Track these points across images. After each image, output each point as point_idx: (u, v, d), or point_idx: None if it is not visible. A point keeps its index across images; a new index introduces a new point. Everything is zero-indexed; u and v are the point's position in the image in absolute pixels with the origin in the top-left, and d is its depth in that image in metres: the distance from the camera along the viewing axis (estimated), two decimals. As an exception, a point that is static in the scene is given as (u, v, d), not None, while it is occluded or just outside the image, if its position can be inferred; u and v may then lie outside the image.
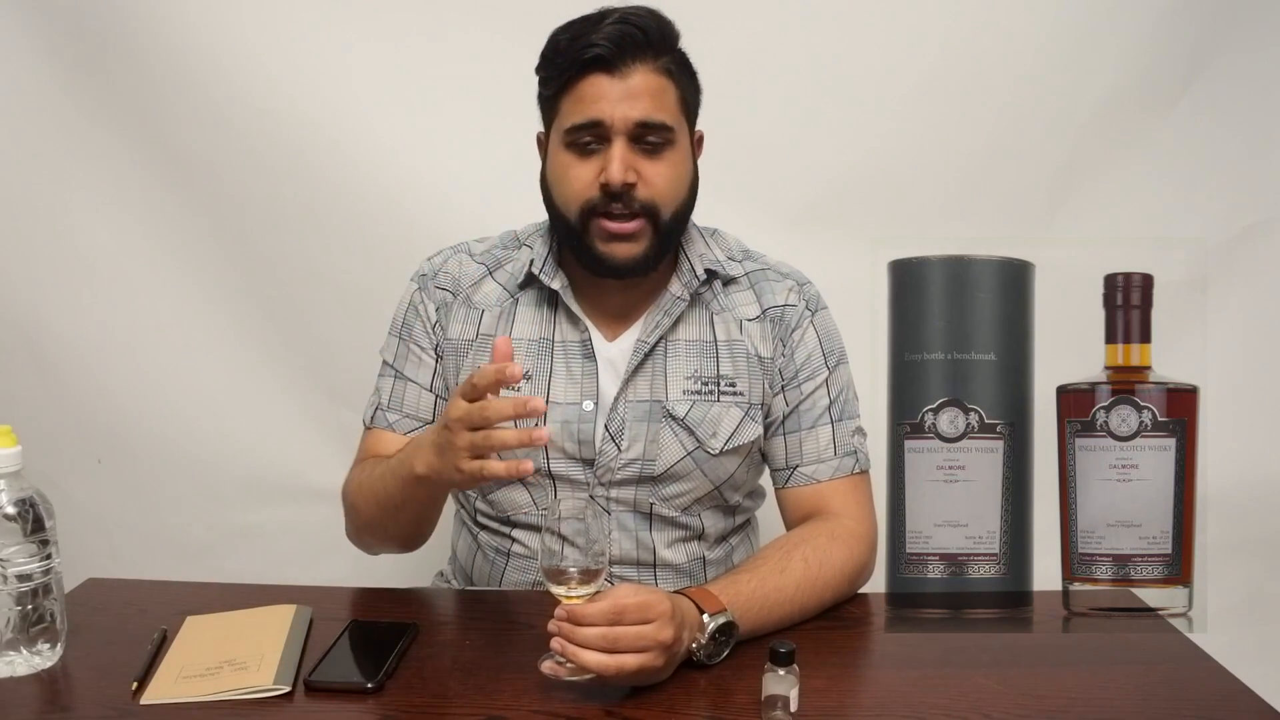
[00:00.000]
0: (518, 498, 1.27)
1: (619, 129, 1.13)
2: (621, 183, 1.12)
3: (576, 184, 1.15)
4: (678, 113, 1.17)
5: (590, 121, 1.13)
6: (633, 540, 1.26)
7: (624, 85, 1.12)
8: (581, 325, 1.23)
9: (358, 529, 1.25)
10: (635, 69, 1.13)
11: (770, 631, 1.06)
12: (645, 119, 1.13)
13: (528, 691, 0.96)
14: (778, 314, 1.27)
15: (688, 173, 1.20)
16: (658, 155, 1.15)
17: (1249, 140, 1.77)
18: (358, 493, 1.21)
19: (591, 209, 1.15)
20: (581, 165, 1.15)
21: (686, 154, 1.19)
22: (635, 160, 1.14)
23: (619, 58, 1.12)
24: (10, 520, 0.97)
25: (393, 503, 1.14)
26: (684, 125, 1.19)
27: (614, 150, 1.13)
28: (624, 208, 1.14)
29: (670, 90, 1.16)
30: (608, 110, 1.12)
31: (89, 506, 1.87)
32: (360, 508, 1.21)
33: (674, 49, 1.17)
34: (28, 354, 1.86)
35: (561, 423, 1.22)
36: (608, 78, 1.12)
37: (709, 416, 1.23)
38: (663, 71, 1.15)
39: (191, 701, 0.94)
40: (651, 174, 1.15)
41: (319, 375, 1.87)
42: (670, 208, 1.17)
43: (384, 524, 1.19)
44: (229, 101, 1.75)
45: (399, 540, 1.24)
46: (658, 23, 1.15)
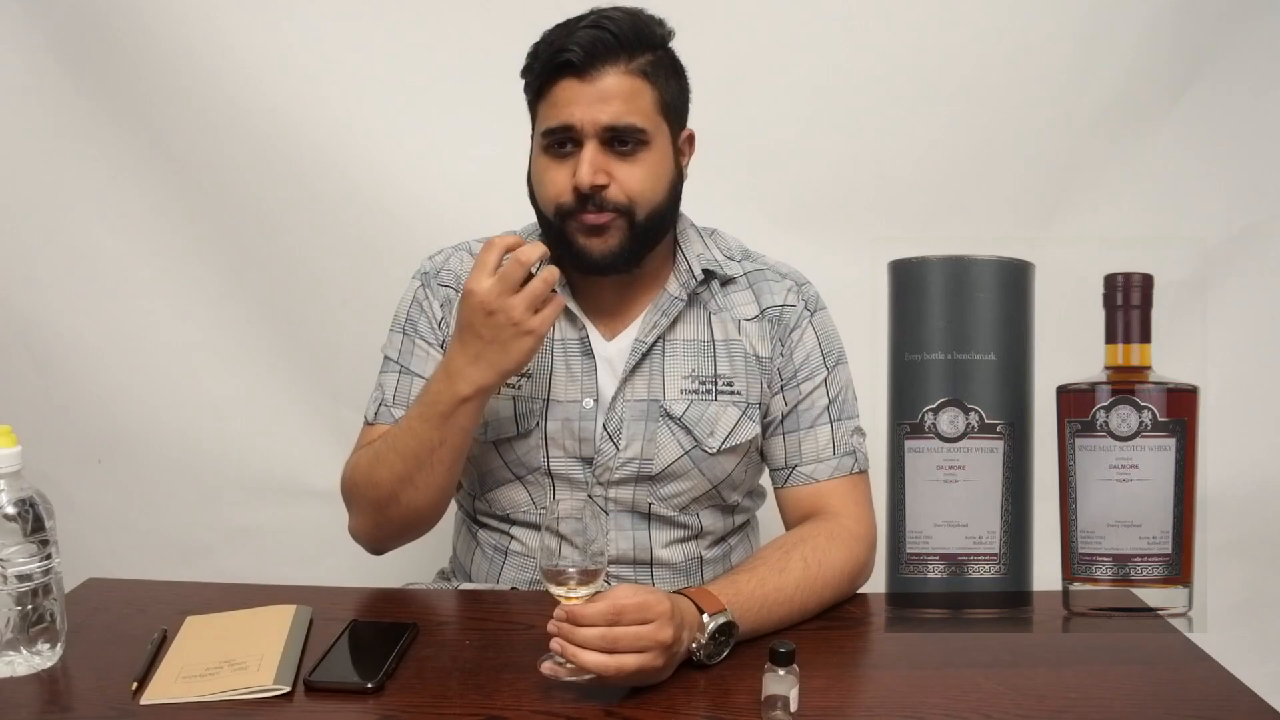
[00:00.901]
0: (516, 496, 1.27)
1: (589, 133, 1.13)
2: (590, 185, 1.13)
3: (552, 187, 1.17)
4: (653, 114, 1.17)
5: (561, 125, 1.14)
6: (630, 540, 1.26)
7: (594, 89, 1.13)
8: (580, 324, 1.24)
9: (375, 506, 1.19)
10: (606, 72, 1.13)
11: (770, 631, 1.06)
12: (614, 123, 1.13)
13: (528, 691, 0.96)
14: (776, 314, 1.27)
15: (666, 173, 1.19)
16: (631, 157, 1.15)
17: (1249, 140, 1.77)
18: (374, 465, 1.17)
19: (567, 212, 1.16)
20: (556, 168, 1.16)
21: (664, 154, 1.19)
22: (607, 162, 1.15)
23: (589, 62, 1.13)
24: (10, 520, 0.97)
25: (427, 447, 1.13)
26: (662, 126, 1.18)
27: (584, 154, 1.14)
28: (596, 209, 1.15)
29: (645, 92, 1.16)
30: (578, 114, 1.13)
31: (89, 506, 1.87)
32: (382, 478, 1.16)
33: (653, 49, 1.17)
34: (28, 354, 1.86)
35: (562, 420, 1.23)
36: (578, 82, 1.13)
37: (706, 416, 1.23)
38: (636, 73, 1.15)
39: (191, 701, 0.94)
40: (624, 176, 1.15)
41: (319, 375, 1.87)
42: (645, 208, 1.17)
43: (417, 480, 1.15)
44: (229, 102, 1.75)
45: (432, 496, 1.17)
46: (634, 24, 1.15)
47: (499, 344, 1.07)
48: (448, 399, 1.11)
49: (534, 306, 1.07)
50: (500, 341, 1.07)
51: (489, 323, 1.07)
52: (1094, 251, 1.29)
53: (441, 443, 1.13)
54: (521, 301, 1.06)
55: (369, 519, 1.22)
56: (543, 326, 1.08)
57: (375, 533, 1.24)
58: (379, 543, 1.26)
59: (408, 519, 1.20)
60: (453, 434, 1.13)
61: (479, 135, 1.75)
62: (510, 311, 1.06)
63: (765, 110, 1.76)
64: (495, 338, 1.07)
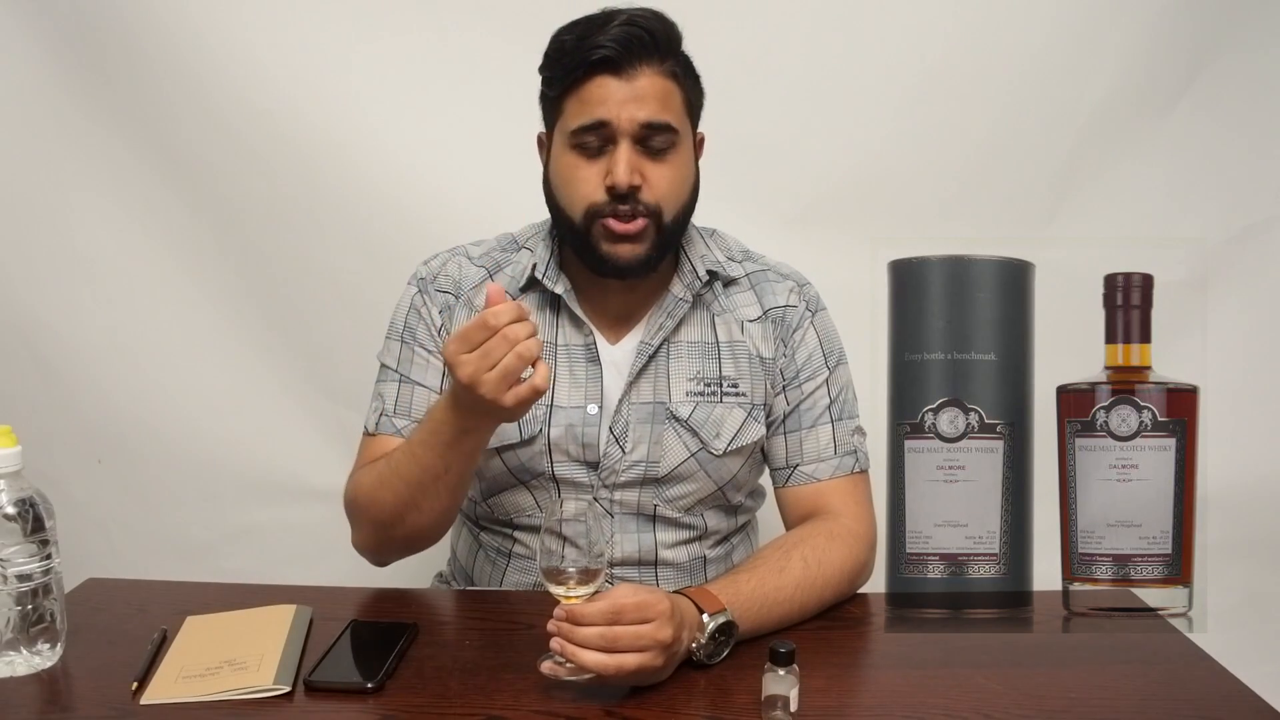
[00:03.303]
0: (521, 500, 1.26)
1: (625, 130, 1.12)
2: (628, 185, 1.12)
3: (583, 186, 1.15)
4: (682, 115, 1.17)
5: (596, 123, 1.13)
6: (635, 542, 1.26)
7: (631, 87, 1.12)
8: (585, 329, 1.23)
9: (378, 525, 1.18)
10: (642, 71, 1.13)
11: (770, 631, 1.06)
12: (651, 120, 1.13)
13: (528, 691, 0.96)
14: (779, 314, 1.27)
15: (691, 175, 1.20)
16: (662, 158, 1.15)
17: (1249, 140, 1.77)
18: (378, 487, 1.16)
19: (597, 211, 1.15)
20: (587, 167, 1.15)
21: (690, 156, 1.19)
22: (640, 162, 1.14)
23: (626, 59, 1.12)
24: (10, 520, 0.97)
25: (431, 474, 1.11)
26: (688, 128, 1.19)
27: (620, 152, 1.12)
28: (629, 210, 1.14)
29: (675, 93, 1.16)
30: (614, 111, 1.12)
31: (89, 506, 1.87)
32: (385, 501, 1.15)
33: (678, 52, 1.17)
34: (28, 354, 1.86)
35: (565, 426, 1.22)
36: (615, 79, 1.12)
37: (712, 417, 1.23)
38: (668, 74, 1.15)
39: (191, 701, 0.94)
40: (656, 177, 1.15)
41: (319, 375, 1.87)
42: (673, 210, 1.17)
43: (421, 504, 1.13)
44: (229, 101, 1.75)
45: (434, 518, 1.16)
46: (663, 25, 1.15)
47: (482, 407, 1.03)
48: (451, 429, 1.07)
49: (508, 383, 1.00)
50: (481, 407, 1.03)
51: (467, 394, 1.02)
52: (1094, 251, 1.29)
53: (446, 469, 1.11)
54: (495, 381, 0.99)
55: (372, 537, 1.21)
56: (518, 407, 1.02)
57: (378, 549, 1.24)
58: (382, 556, 1.26)
59: (411, 539, 1.20)
60: (458, 460, 1.10)
61: (480, 136, 1.75)
62: (481, 388, 1.00)
63: (765, 110, 1.76)
64: (476, 406, 1.03)
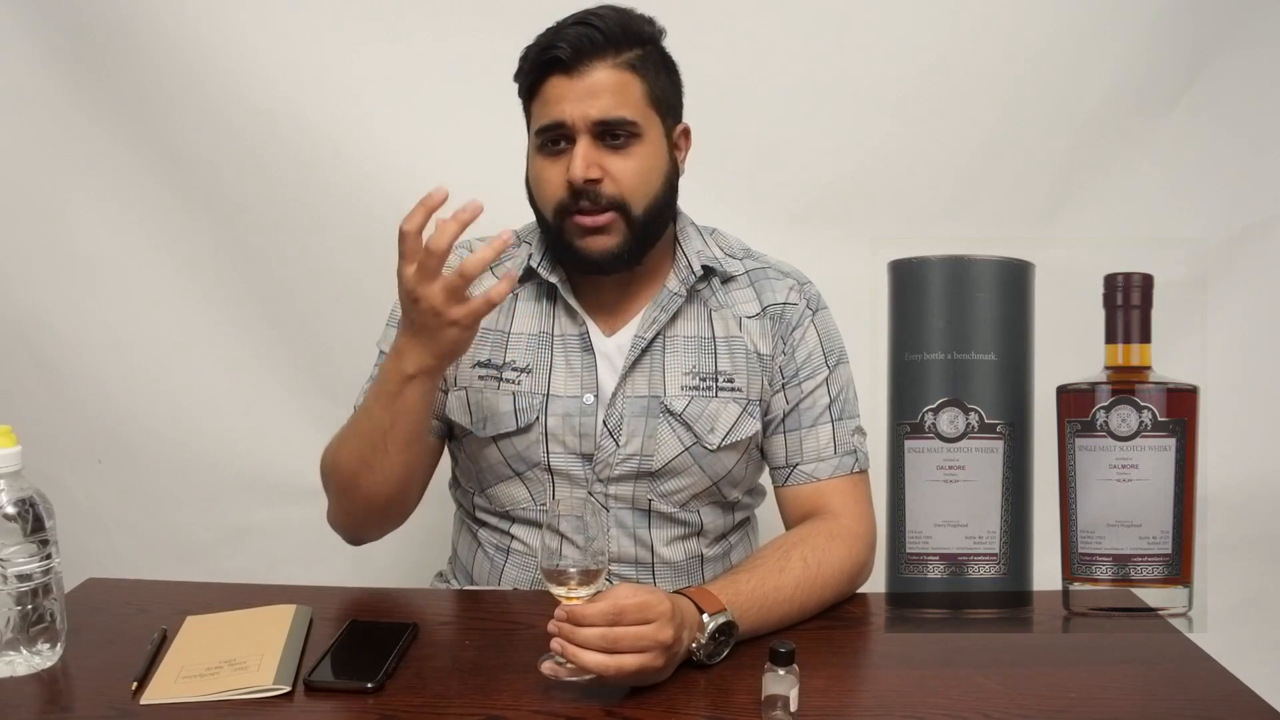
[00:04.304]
0: (516, 493, 1.27)
1: (580, 128, 1.14)
2: (583, 179, 1.14)
3: (548, 187, 1.18)
4: (643, 106, 1.17)
5: (554, 123, 1.15)
6: (631, 537, 1.26)
7: (583, 84, 1.14)
8: (579, 319, 1.24)
9: (339, 492, 1.20)
10: (594, 67, 1.15)
11: (770, 631, 1.06)
12: (604, 117, 1.14)
13: (528, 691, 0.96)
14: (778, 311, 1.27)
15: (659, 166, 1.20)
16: (624, 150, 1.16)
17: (1249, 140, 1.77)
18: (338, 449, 1.19)
19: (564, 209, 1.17)
20: (551, 167, 1.17)
21: (657, 148, 1.20)
22: (600, 157, 1.15)
23: (576, 58, 1.14)
24: (10, 520, 0.97)
25: (380, 429, 1.13)
26: (653, 119, 1.19)
27: (576, 149, 1.15)
28: (592, 204, 1.16)
29: (634, 85, 1.17)
30: (568, 110, 1.14)
31: (89, 506, 1.87)
32: (343, 461, 1.17)
33: (641, 44, 1.18)
34: (28, 354, 1.86)
35: (562, 415, 1.23)
36: (566, 79, 1.15)
37: (707, 412, 1.23)
38: (624, 67, 1.16)
39: (191, 701, 0.94)
40: (618, 169, 1.16)
41: (319, 375, 1.87)
42: (641, 202, 1.18)
43: (372, 463, 1.15)
44: (229, 101, 1.75)
45: (390, 483, 1.16)
46: (621, 20, 1.16)
47: (428, 331, 1.07)
48: (394, 377, 1.11)
49: (454, 297, 1.04)
50: (429, 329, 1.07)
51: (414, 309, 1.06)
52: (1094, 251, 1.29)
53: (392, 424, 1.13)
54: (440, 291, 1.04)
55: (336, 504, 1.24)
56: (466, 319, 1.06)
57: (345, 519, 1.25)
58: (351, 530, 1.26)
59: (370, 506, 1.20)
60: (402, 415, 1.12)
61: (480, 136, 1.74)
62: (430, 300, 1.04)
63: (765, 110, 1.76)
64: (424, 324, 1.07)
